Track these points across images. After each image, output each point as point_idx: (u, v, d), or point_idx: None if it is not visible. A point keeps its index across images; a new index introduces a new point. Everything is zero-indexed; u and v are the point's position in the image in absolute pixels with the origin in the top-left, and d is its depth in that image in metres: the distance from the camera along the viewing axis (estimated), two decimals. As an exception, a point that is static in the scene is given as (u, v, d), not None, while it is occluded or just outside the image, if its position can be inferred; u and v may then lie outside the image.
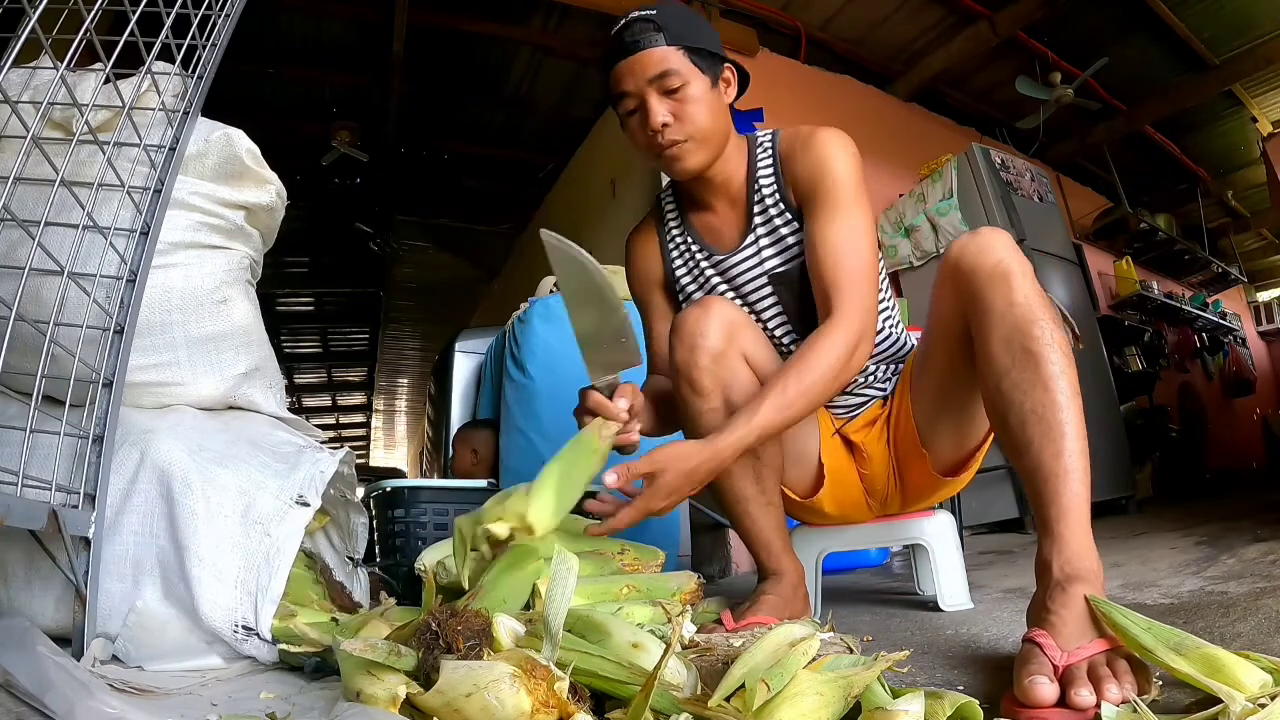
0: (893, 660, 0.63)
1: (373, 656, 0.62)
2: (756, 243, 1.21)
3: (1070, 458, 0.81)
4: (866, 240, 1.10)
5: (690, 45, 1.11)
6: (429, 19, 3.78)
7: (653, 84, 1.09)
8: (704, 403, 1.10)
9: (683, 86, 1.10)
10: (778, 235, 1.19)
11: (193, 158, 1.13)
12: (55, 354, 0.86)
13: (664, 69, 1.09)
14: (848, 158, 1.13)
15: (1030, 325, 0.87)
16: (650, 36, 1.09)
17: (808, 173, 1.14)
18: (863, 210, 1.11)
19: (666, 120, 1.10)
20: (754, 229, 1.21)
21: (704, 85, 1.12)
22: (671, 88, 1.10)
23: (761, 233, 1.20)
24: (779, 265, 1.20)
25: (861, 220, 1.10)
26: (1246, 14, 3.92)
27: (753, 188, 1.21)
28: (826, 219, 1.10)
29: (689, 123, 1.11)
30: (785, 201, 1.18)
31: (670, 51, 1.09)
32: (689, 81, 1.10)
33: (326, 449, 1.25)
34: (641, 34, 1.09)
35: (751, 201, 1.21)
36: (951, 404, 1.13)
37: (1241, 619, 0.87)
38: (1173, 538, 1.96)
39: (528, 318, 2.47)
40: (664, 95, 1.10)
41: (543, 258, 0.92)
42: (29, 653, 0.66)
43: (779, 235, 1.19)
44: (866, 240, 1.10)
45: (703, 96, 1.12)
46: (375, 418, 11.29)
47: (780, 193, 1.19)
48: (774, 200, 1.19)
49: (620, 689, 0.63)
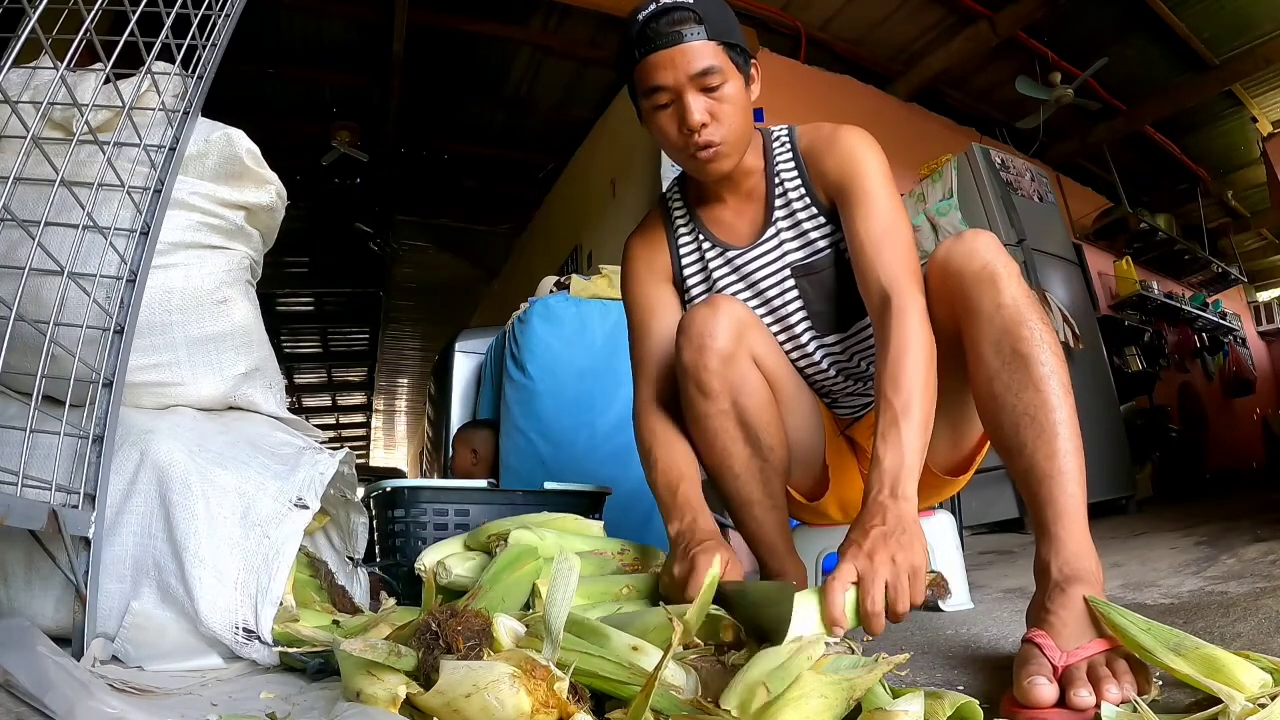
0: (894, 662, 0.63)
1: (373, 657, 0.62)
2: (778, 235, 1.18)
3: (1064, 458, 0.81)
4: (905, 226, 1.08)
5: (729, 41, 1.05)
6: (429, 19, 3.78)
7: (693, 80, 1.03)
8: (712, 405, 1.08)
9: (722, 85, 1.04)
10: (801, 229, 1.17)
11: (193, 158, 1.13)
12: (55, 354, 0.86)
13: (706, 65, 1.03)
14: (876, 153, 1.11)
15: (1019, 326, 0.87)
16: (692, 29, 1.02)
17: (839, 169, 1.12)
18: (898, 201, 1.10)
19: (705, 120, 1.05)
20: (775, 221, 1.18)
21: (739, 84, 1.07)
22: (712, 85, 1.04)
23: (784, 225, 1.18)
24: (802, 258, 1.17)
25: (898, 208, 1.09)
26: (1246, 14, 3.92)
27: (773, 181, 1.18)
28: (867, 212, 1.08)
29: (726, 124, 1.06)
30: (812, 197, 1.16)
31: (711, 46, 1.03)
32: (728, 80, 1.05)
33: (326, 450, 1.25)
34: (682, 24, 1.03)
35: (772, 195, 1.18)
36: (946, 405, 1.13)
37: (1241, 619, 0.87)
38: (1173, 538, 1.96)
39: (528, 318, 2.47)
40: (702, 93, 1.05)
41: (543, 258, 0.92)
42: (29, 653, 0.66)
43: (802, 229, 1.17)
44: (905, 226, 1.08)
45: (739, 96, 1.07)
46: (375, 418, 11.30)
47: (806, 188, 1.17)
48: (798, 195, 1.17)
49: (620, 689, 0.63)
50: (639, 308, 1.25)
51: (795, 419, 1.18)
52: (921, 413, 0.90)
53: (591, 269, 3.03)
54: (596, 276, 2.64)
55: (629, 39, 1.07)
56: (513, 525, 1.18)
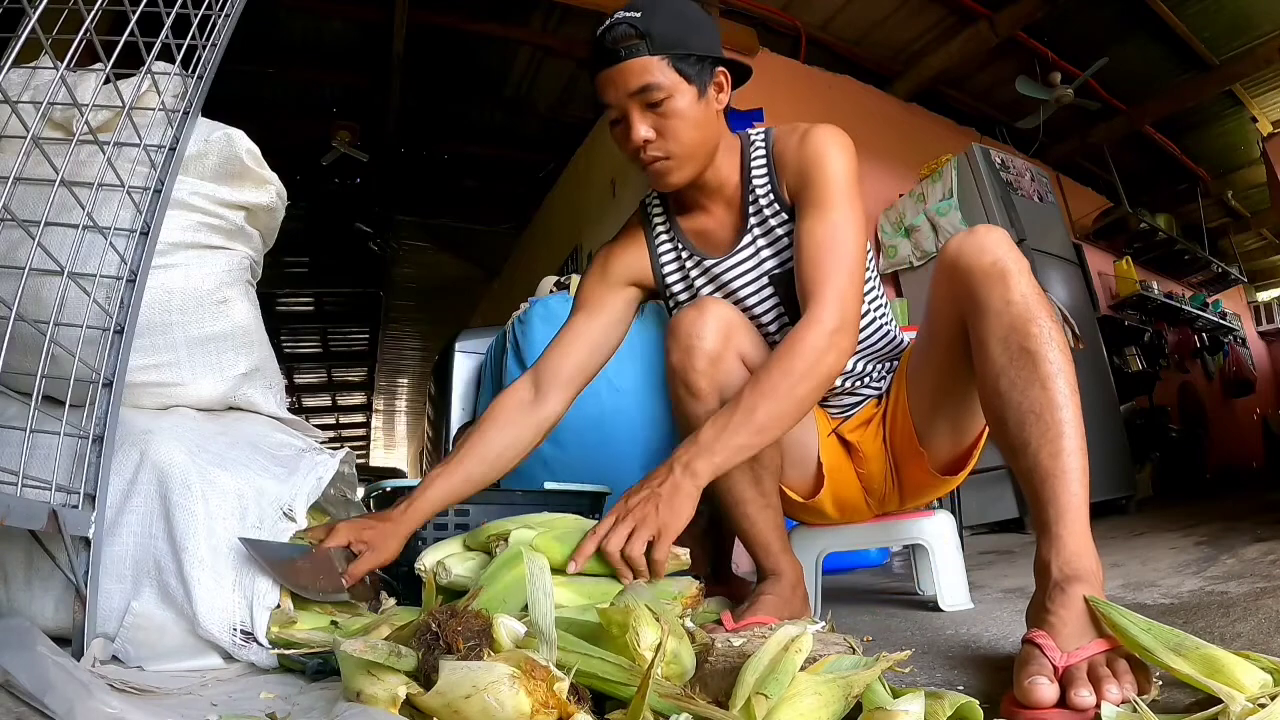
0: (893, 660, 0.63)
1: (373, 657, 0.62)
2: (754, 244, 1.19)
3: (1068, 457, 0.81)
4: (852, 236, 1.06)
5: (676, 53, 1.04)
6: (429, 19, 3.78)
7: (634, 98, 1.04)
8: (700, 406, 1.09)
9: (666, 100, 1.04)
10: (774, 236, 1.17)
11: (193, 158, 1.13)
12: (55, 354, 0.86)
13: (645, 82, 1.03)
14: (841, 154, 1.10)
15: (1027, 324, 0.87)
16: (632, 45, 1.02)
17: (799, 169, 1.11)
18: (851, 207, 1.08)
19: (649, 136, 1.05)
20: (749, 230, 1.18)
21: (689, 97, 1.06)
22: (654, 101, 1.04)
23: (758, 234, 1.18)
24: (777, 266, 1.18)
25: (848, 216, 1.07)
26: (1246, 14, 3.92)
27: (747, 189, 1.18)
28: (814, 216, 1.07)
29: (671, 139, 1.06)
30: (779, 200, 1.16)
31: (653, 62, 1.02)
32: (673, 95, 1.04)
33: (326, 451, 1.24)
34: (623, 41, 1.03)
35: (746, 203, 1.18)
36: (948, 402, 1.13)
37: (1241, 619, 0.87)
38: (1173, 538, 1.96)
39: (528, 318, 2.47)
40: (646, 109, 1.05)
41: (543, 258, 0.92)
42: (29, 653, 0.66)
43: (775, 235, 1.17)
44: (852, 236, 1.06)
45: (687, 110, 1.06)
46: (375, 418, 11.30)
47: (774, 191, 1.16)
48: (768, 200, 1.17)
49: (621, 690, 0.63)
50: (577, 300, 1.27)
51: None
52: (761, 419, 0.94)
53: (591, 269, 3.02)
54: (596, 277, 2.64)
55: (589, 55, 1.08)
56: (513, 525, 1.18)
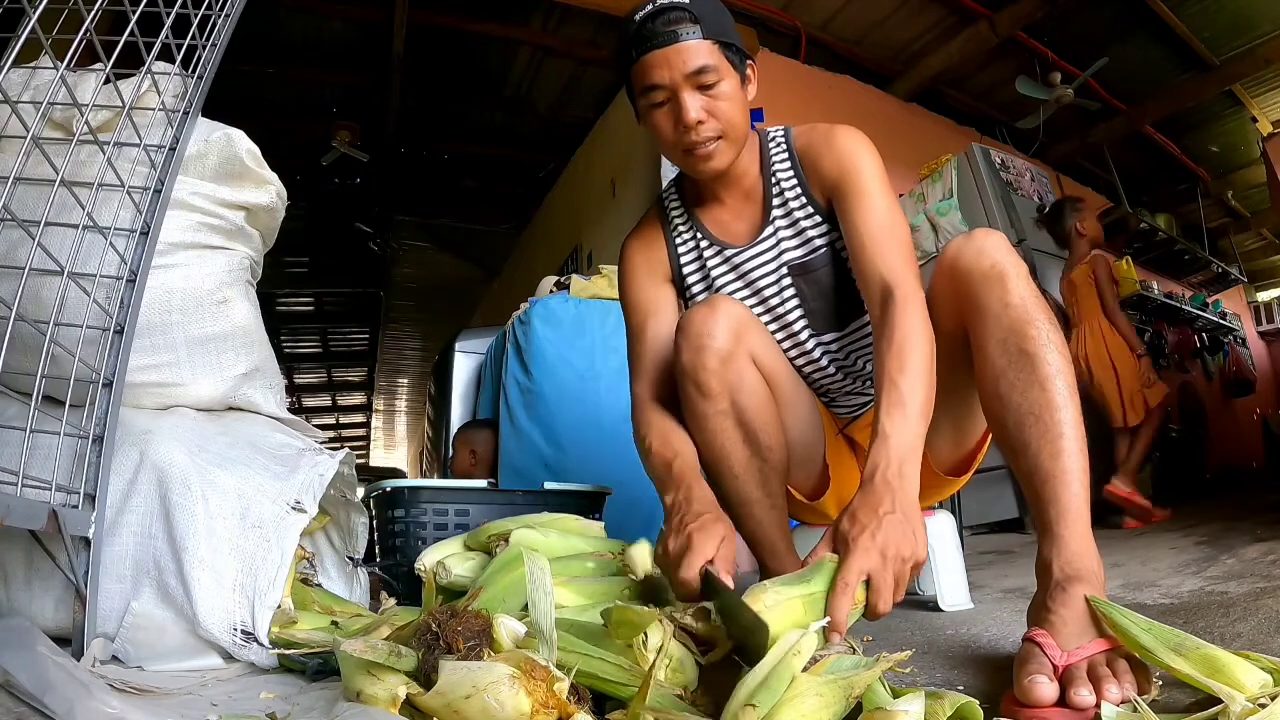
0: (894, 661, 0.63)
1: (373, 657, 0.62)
2: (775, 234, 1.19)
3: (1069, 458, 0.81)
4: (902, 219, 1.10)
5: (724, 40, 1.08)
6: (429, 19, 3.78)
7: (689, 79, 1.06)
8: (711, 405, 1.08)
9: (718, 83, 1.06)
10: (799, 227, 1.19)
11: (193, 158, 1.13)
12: (55, 354, 0.86)
13: (702, 64, 1.05)
14: (871, 152, 1.13)
15: (1026, 326, 0.87)
16: (687, 28, 1.05)
17: (836, 169, 1.13)
18: (895, 200, 1.11)
19: (701, 117, 1.07)
20: (772, 220, 1.19)
21: (735, 82, 1.09)
22: (707, 83, 1.06)
23: (781, 224, 1.19)
24: (799, 257, 1.19)
25: (894, 203, 1.10)
26: (1246, 14, 3.92)
27: (769, 180, 1.20)
28: (865, 207, 1.09)
29: (723, 120, 1.08)
30: (808, 196, 1.18)
31: (707, 45, 1.06)
32: (724, 78, 1.07)
33: (326, 450, 1.24)
34: (677, 24, 1.05)
35: (769, 194, 1.20)
36: (951, 403, 1.13)
37: (1241, 619, 0.87)
38: (1173, 538, 1.96)
39: (528, 318, 2.47)
40: (698, 90, 1.07)
41: (543, 258, 0.92)
42: (29, 653, 0.66)
43: (800, 227, 1.18)
44: (902, 219, 1.10)
45: (735, 94, 1.09)
46: (375, 418, 11.30)
47: (802, 187, 1.18)
48: (795, 194, 1.18)
49: (621, 690, 0.63)
50: (637, 309, 1.24)
51: (794, 418, 1.18)
52: (922, 402, 0.89)
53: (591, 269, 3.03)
54: (596, 277, 2.64)
55: (626, 39, 1.09)
56: (513, 525, 1.18)
